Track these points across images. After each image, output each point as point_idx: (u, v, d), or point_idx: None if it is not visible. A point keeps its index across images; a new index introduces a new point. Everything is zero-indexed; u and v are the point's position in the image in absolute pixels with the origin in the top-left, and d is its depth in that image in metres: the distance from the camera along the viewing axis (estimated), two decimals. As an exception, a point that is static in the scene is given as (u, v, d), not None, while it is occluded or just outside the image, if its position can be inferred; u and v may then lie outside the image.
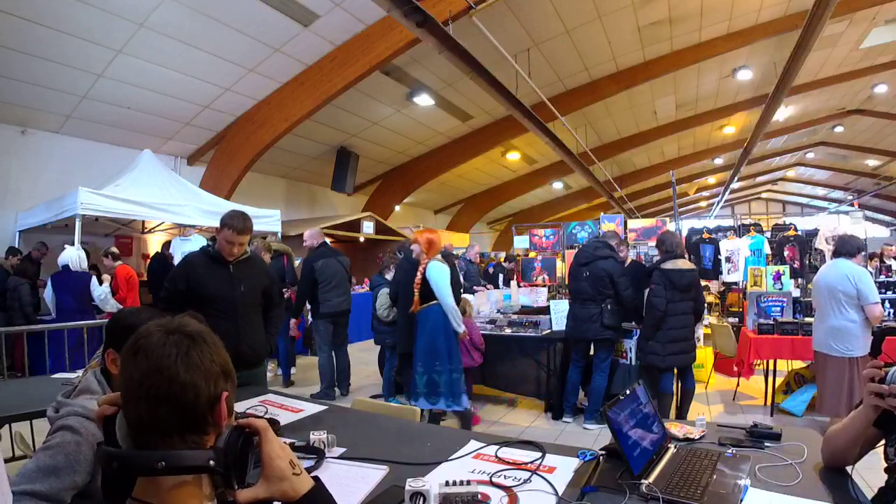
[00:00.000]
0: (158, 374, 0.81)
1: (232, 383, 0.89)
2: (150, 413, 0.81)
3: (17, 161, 6.79)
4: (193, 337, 0.86)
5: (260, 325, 3.00)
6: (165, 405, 0.81)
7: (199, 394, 0.83)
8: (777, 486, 1.36)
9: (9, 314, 5.77)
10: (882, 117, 13.11)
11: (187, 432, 0.83)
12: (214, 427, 0.86)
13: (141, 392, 0.82)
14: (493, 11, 5.86)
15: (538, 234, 8.84)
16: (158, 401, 0.81)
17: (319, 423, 1.92)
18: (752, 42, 8.43)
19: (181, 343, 0.84)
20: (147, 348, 0.83)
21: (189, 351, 0.84)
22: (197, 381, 0.83)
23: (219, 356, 0.88)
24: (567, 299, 4.97)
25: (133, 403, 0.83)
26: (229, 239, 2.80)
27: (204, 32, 5.91)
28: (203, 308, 2.77)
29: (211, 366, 0.86)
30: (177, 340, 0.84)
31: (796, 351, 4.45)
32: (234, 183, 8.26)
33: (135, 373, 0.83)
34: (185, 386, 0.82)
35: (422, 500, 1.25)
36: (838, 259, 3.80)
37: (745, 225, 7.46)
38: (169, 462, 0.79)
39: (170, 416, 0.81)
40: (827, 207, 21.65)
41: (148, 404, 0.81)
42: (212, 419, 0.85)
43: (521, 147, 12.41)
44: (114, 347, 1.36)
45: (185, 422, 0.83)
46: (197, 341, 0.86)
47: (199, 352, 0.85)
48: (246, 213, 2.88)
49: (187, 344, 0.85)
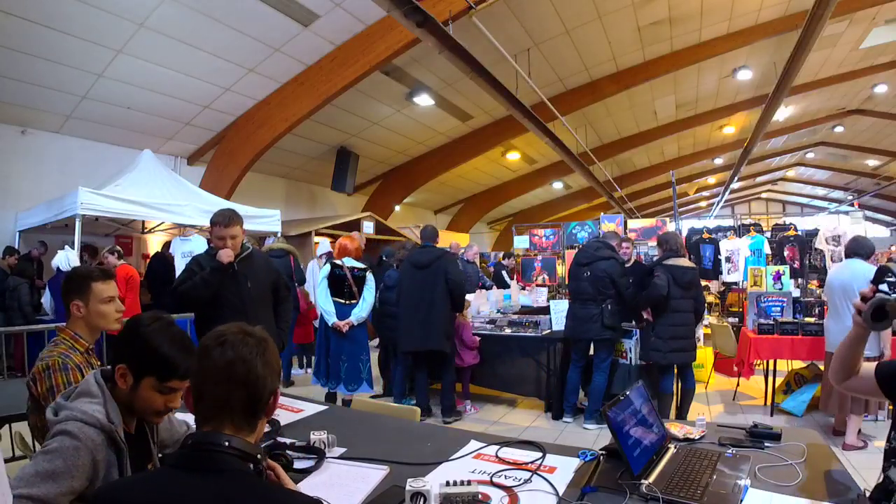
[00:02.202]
0: (242, 364, 1.01)
1: (278, 381, 1.10)
2: (228, 394, 1.00)
3: (18, 161, 6.78)
4: (264, 340, 1.07)
5: (271, 321, 3.01)
6: (243, 389, 1.01)
7: (267, 386, 1.04)
8: (777, 486, 1.36)
9: (8, 314, 5.77)
10: (882, 117, 13.11)
11: (250, 415, 1.03)
12: (266, 415, 1.07)
13: (223, 376, 1.00)
14: (493, 11, 5.86)
15: (538, 234, 8.85)
16: (238, 385, 1.00)
17: (320, 423, 1.92)
18: (752, 42, 8.43)
19: (258, 344, 1.05)
20: (233, 343, 1.02)
21: (264, 351, 1.05)
22: (267, 376, 1.04)
23: (278, 359, 1.11)
24: (567, 299, 4.97)
25: (213, 384, 1.01)
26: (219, 234, 2.82)
27: (204, 32, 5.90)
28: (213, 308, 2.80)
29: (276, 366, 1.08)
30: (254, 341, 1.05)
31: (796, 351, 4.46)
32: (234, 183, 8.26)
33: (220, 360, 1.01)
34: (259, 378, 1.02)
35: (422, 501, 1.25)
36: (852, 259, 3.83)
37: (745, 225, 7.46)
38: (233, 444, 0.98)
39: (243, 399, 1.01)
40: (827, 207, 21.68)
41: (228, 387, 1.00)
42: (268, 408, 1.06)
43: (521, 147, 12.40)
44: (126, 362, 1.30)
45: (251, 406, 1.03)
46: (268, 344, 1.07)
47: (270, 353, 1.07)
48: (230, 207, 2.90)
49: (262, 345, 1.06)
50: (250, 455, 1.00)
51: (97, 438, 1.18)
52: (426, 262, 4.48)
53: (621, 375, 4.56)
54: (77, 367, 1.68)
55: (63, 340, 1.77)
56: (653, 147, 14.43)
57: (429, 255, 4.53)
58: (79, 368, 1.68)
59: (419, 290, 4.47)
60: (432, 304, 4.39)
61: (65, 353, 1.71)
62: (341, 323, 4.22)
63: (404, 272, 4.69)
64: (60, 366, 1.65)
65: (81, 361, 1.73)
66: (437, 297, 4.40)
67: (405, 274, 4.66)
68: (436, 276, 4.42)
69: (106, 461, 1.19)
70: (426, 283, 4.44)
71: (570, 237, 8.38)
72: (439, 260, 4.46)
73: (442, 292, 4.39)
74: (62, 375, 1.63)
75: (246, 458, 0.99)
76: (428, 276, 4.45)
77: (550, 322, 4.95)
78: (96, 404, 1.24)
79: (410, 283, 4.56)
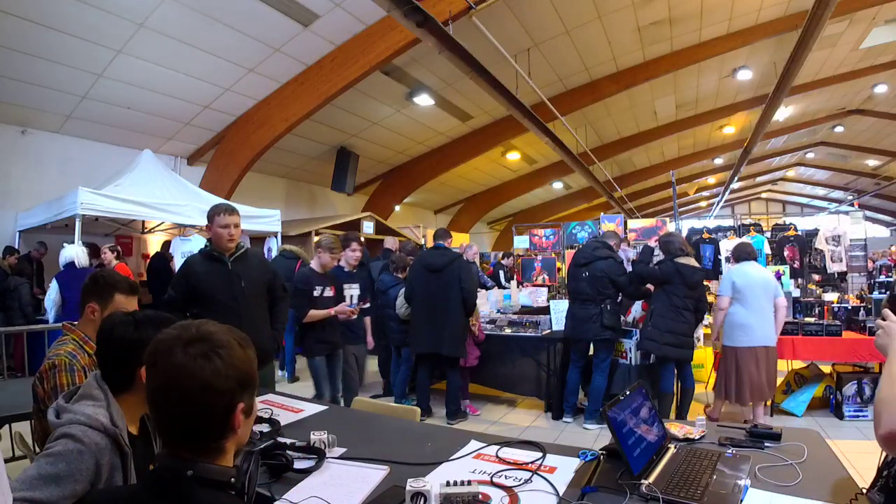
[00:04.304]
0: (172, 391, 0.86)
1: (250, 390, 0.92)
2: (170, 422, 0.88)
3: (18, 161, 6.78)
4: (208, 353, 0.87)
5: (266, 321, 2.98)
6: (180, 419, 0.87)
7: (213, 409, 0.87)
8: (777, 486, 1.36)
9: (8, 314, 5.77)
10: (882, 117, 13.11)
11: (204, 438, 0.88)
12: (231, 432, 0.90)
13: (159, 402, 0.87)
14: (493, 11, 5.86)
15: (538, 234, 8.85)
16: (174, 412, 0.87)
17: (320, 424, 1.92)
18: (752, 42, 8.43)
19: (196, 358, 0.86)
20: (163, 362, 0.86)
21: (203, 366, 0.86)
22: (208, 400, 0.86)
23: (234, 368, 0.89)
24: (567, 299, 4.97)
25: (154, 412, 0.89)
26: (223, 223, 2.80)
27: (204, 32, 5.90)
28: (206, 307, 2.78)
29: (224, 381, 0.87)
30: (195, 353, 0.86)
31: (796, 351, 4.47)
32: (234, 183, 8.26)
33: (151, 384, 0.88)
34: (198, 404, 0.85)
35: (423, 501, 1.25)
36: (748, 262, 4.19)
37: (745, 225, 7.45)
38: (197, 472, 0.85)
39: (185, 426, 0.87)
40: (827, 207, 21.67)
41: (166, 413, 0.87)
42: (230, 426, 0.89)
43: (521, 147, 12.40)
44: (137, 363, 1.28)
45: (200, 430, 0.88)
46: (211, 357, 0.86)
47: (213, 366, 0.86)
48: None
49: (201, 360, 0.86)
50: (222, 482, 0.88)
51: (101, 442, 1.17)
52: (440, 265, 4.46)
53: (621, 375, 4.56)
54: (83, 370, 1.67)
55: (71, 340, 1.76)
56: (653, 147, 14.43)
57: (442, 259, 4.49)
58: (85, 371, 1.67)
59: (432, 295, 4.44)
60: (446, 309, 4.37)
61: (72, 353, 1.71)
62: None
63: (416, 274, 4.64)
64: (67, 366, 1.65)
65: (88, 364, 1.72)
66: (450, 303, 4.38)
67: (417, 276, 4.61)
68: (450, 281, 4.40)
69: (109, 465, 1.18)
70: (440, 288, 4.42)
71: (570, 237, 8.38)
72: (453, 264, 4.45)
73: (456, 298, 4.37)
74: (67, 376, 1.63)
75: (217, 485, 0.87)
76: (441, 280, 4.42)
77: (550, 322, 4.95)
78: (100, 407, 1.23)
79: (423, 287, 4.51)
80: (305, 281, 3.64)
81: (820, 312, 4.88)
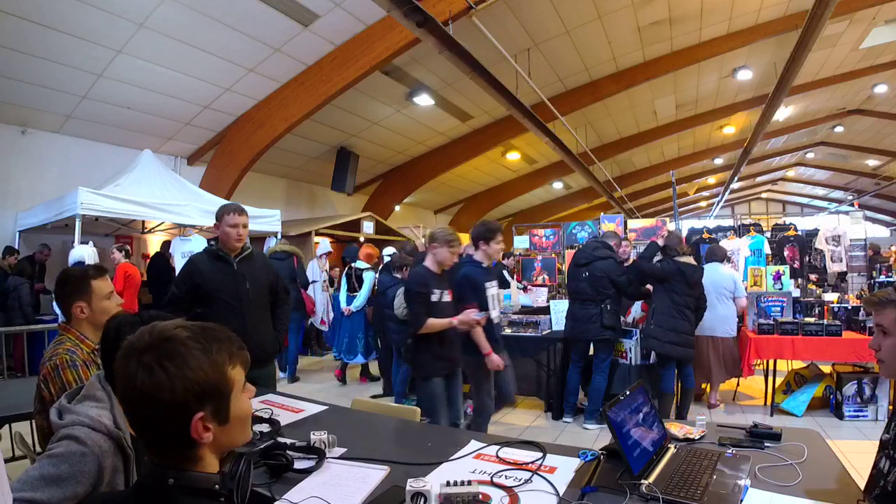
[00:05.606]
0: (124, 401, 0.88)
1: (214, 400, 0.85)
2: (136, 431, 0.90)
3: (18, 161, 6.78)
4: (152, 364, 0.81)
5: (268, 322, 2.98)
6: (140, 429, 0.87)
7: (163, 421, 0.83)
8: (777, 486, 1.36)
9: (8, 314, 5.78)
10: (882, 117, 13.11)
11: (170, 447, 0.86)
12: (196, 442, 0.85)
13: (124, 411, 0.89)
14: (493, 11, 5.86)
15: (538, 234, 8.83)
16: (133, 422, 0.88)
17: (320, 423, 1.92)
18: (752, 42, 8.42)
19: (139, 369, 0.82)
20: (117, 369, 0.85)
21: (144, 379, 0.81)
22: (154, 412, 0.82)
23: (184, 379, 0.82)
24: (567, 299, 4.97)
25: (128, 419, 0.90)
26: (232, 223, 2.78)
27: (204, 32, 5.90)
28: (210, 307, 2.77)
29: (170, 394, 0.81)
30: (143, 362, 0.82)
31: (796, 351, 4.46)
32: (234, 183, 8.26)
33: (119, 384, 0.87)
34: (145, 416, 0.84)
35: (423, 501, 1.25)
36: (713, 263, 4.81)
37: (745, 225, 7.45)
38: (179, 481, 0.85)
39: (146, 436, 0.87)
40: (827, 207, 21.64)
41: (132, 422, 0.89)
42: (188, 438, 0.84)
43: (521, 147, 12.40)
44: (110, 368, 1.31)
45: (159, 441, 0.86)
46: (153, 369, 0.81)
47: (155, 380, 0.81)
48: None
49: (143, 373, 0.81)
50: (206, 490, 0.87)
51: (105, 445, 1.17)
52: None
53: (621, 375, 4.56)
54: (85, 364, 1.68)
55: (67, 339, 1.77)
56: (653, 147, 14.43)
57: None
58: (86, 365, 1.68)
59: None
60: None
61: (70, 349, 1.71)
62: (345, 309, 5.77)
63: None
64: (69, 362, 1.65)
65: (87, 358, 1.73)
66: None
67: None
68: None
69: (112, 468, 1.18)
70: None
71: (570, 237, 8.37)
72: None
73: None
74: (72, 372, 1.63)
75: (201, 493, 0.86)
76: None
77: (550, 322, 4.95)
78: (103, 409, 1.22)
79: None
80: (422, 282, 2.97)
81: (820, 312, 4.88)
